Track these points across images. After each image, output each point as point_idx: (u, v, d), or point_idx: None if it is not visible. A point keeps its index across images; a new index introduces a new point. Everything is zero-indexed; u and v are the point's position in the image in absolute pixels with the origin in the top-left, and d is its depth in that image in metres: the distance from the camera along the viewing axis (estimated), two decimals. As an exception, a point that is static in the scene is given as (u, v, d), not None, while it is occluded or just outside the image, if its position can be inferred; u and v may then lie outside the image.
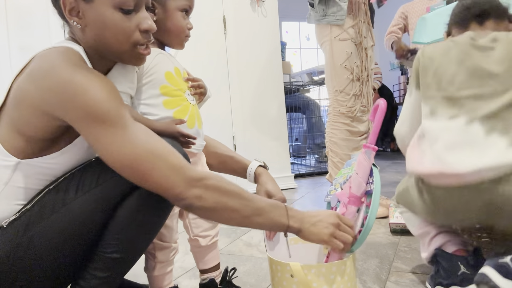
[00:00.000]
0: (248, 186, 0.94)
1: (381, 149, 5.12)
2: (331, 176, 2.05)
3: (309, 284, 0.78)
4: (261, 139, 2.85)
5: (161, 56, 0.95)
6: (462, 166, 0.86)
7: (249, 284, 1.21)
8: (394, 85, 5.13)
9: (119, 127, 0.69)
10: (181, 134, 0.88)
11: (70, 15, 0.75)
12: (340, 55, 1.92)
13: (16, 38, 2.31)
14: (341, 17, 1.90)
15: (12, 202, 0.75)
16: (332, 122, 2.00)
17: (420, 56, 1.08)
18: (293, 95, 3.87)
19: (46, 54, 0.73)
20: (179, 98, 0.94)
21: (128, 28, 0.77)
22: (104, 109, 0.68)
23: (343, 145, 1.96)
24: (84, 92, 0.68)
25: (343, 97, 1.95)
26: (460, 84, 0.96)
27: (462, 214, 0.93)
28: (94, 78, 0.70)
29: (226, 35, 2.75)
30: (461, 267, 0.95)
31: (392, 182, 2.80)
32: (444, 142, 0.90)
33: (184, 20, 0.97)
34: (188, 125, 0.93)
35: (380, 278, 1.19)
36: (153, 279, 0.98)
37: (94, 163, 0.78)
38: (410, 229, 1.15)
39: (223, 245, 1.60)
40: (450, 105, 0.95)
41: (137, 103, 0.91)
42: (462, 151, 0.88)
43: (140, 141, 0.70)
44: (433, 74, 1.02)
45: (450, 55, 1.01)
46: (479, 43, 1.00)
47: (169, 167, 0.71)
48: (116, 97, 0.72)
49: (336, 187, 0.97)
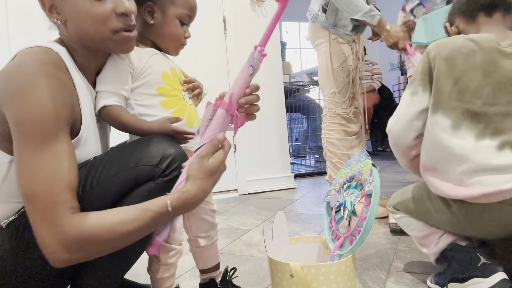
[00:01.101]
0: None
1: (381, 149, 5.12)
2: (330, 177, 2.06)
3: (309, 284, 0.78)
4: (261, 139, 2.85)
5: (156, 57, 0.95)
6: (502, 184, 0.88)
7: (249, 284, 1.21)
8: (394, 85, 5.13)
9: (39, 150, 0.66)
10: (177, 132, 0.87)
11: (50, 13, 0.76)
12: (338, 57, 1.95)
13: (16, 38, 2.31)
14: (350, 33, 1.94)
15: (10, 199, 0.75)
16: (328, 123, 2.03)
17: (435, 56, 1.00)
18: (293, 95, 3.87)
19: (22, 54, 0.73)
20: (176, 98, 0.94)
21: (102, 14, 0.75)
22: (36, 124, 0.66)
23: (340, 145, 1.99)
24: (29, 98, 0.67)
25: (340, 99, 1.98)
26: (487, 99, 0.93)
27: (497, 228, 0.95)
28: (48, 89, 0.68)
29: (226, 35, 2.75)
30: (481, 258, 0.95)
31: (392, 182, 2.80)
32: (476, 164, 0.91)
33: (182, 28, 0.97)
34: (186, 124, 0.93)
35: (380, 278, 1.19)
36: (156, 281, 0.98)
37: (93, 163, 0.78)
38: (410, 233, 1.15)
39: (223, 245, 1.60)
40: (476, 120, 0.93)
41: (134, 104, 0.90)
42: (498, 173, 0.89)
43: (39, 176, 0.65)
44: (454, 82, 0.96)
45: (474, 62, 0.95)
46: (506, 50, 0.95)
47: (42, 218, 0.65)
48: (57, 117, 0.68)
49: (335, 187, 0.97)
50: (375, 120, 4.60)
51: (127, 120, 0.86)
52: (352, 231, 0.84)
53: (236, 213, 2.18)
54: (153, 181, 0.76)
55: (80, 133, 0.78)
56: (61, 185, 0.66)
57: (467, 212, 0.96)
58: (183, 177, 0.76)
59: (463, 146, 0.93)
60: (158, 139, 0.79)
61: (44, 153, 0.66)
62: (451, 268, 1.00)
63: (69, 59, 0.79)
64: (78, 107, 0.78)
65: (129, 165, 0.76)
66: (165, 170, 0.77)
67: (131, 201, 0.76)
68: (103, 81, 0.86)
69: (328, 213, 0.97)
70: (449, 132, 0.95)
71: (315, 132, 3.88)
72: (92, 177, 0.75)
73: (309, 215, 2.04)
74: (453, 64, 0.97)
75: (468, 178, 0.92)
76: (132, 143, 0.81)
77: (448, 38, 1.05)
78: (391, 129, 1.09)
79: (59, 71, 0.74)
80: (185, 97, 0.96)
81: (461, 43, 0.99)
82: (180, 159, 0.79)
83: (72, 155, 0.70)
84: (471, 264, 0.95)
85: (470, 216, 0.96)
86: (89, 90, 0.84)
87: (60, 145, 0.68)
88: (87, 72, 0.84)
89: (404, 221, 1.16)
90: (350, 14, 1.82)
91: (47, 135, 0.67)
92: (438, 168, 0.98)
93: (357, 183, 0.91)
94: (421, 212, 1.09)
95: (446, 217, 1.01)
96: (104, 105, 0.85)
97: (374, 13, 1.76)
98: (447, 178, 0.97)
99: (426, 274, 1.16)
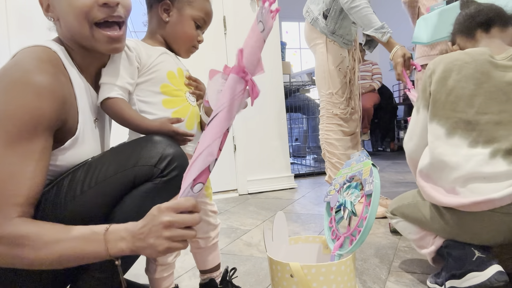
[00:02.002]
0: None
1: (381, 149, 5.12)
2: (330, 177, 2.06)
3: (309, 284, 0.78)
4: (261, 139, 2.85)
5: (165, 56, 0.95)
6: (492, 192, 0.90)
7: (249, 284, 1.21)
8: (394, 85, 5.14)
9: (9, 147, 0.66)
10: (176, 133, 0.86)
11: (46, 12, 0.76)
12: (335, 58, 1.97)
13: (16, 38, 2.31)
14: (348, 42, 1.98)
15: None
16: (326, 123, 2.04)
17: (432, 73, 1.06)
18: (293, 95, 3.87)
19: (20, 52, 0.74)
20: (179, 98, 0.94)
21: (83, 4, 0.74)
22: (14, 122, 0.66)
23: (338, 145, 2.01)
24: (15, 95, 0.67)
25: (337, 99, 2.00)
26: (479, 108, 0.96)
27: (489, 235, 0.96)
28: (37, 89, 0.68)
29: (226, 35, 2.75)
30: (475, 252, 0.96)
31: (392, 182, 2.80)
32: (469, 172, 0.93)
33: (196, 31, 0.97)
34: (187, 126, 0.93)
35: (380, 278, 1.19)
36: (154, 282, 0.98)
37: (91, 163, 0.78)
38: (407, 236, 1.17)
39: (223, 245, 1.60)
40: (469, 129, 0.96)
41: (136, 100, 0.90)
42: (488, 181, 0.91)
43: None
44: (448, 92, 1.00)
45: (467, 73, 0.99)
46: (498, 62, 0.99)
47: None
48: (37, 119, 0.68)
49: (335, 187, 0.97)
50: (375, 120, 4.60)
51: (129, 115, 0.85)
52: (352, 231, 0.84)
53: (236, 213, 2.18)
54: (151, 181, 0.76)
55: (77, 132, 0.78)
56: (17, 188, 0.66)
57: (459, 220, 0.98)
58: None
59: (456, 153, 0.95)
60: (157, 139, 0.79)
61: (13, 152, 0.66)
62: (448, 265, 1.01)
63: (67, 58, 0.79)
64: (74, 105, 0.78)
65: (127, 165, 0.76)
66: (164, 170, 0.77)
67: (130, 201, 0.76)
68: (109, 73, 0.86)
69: (328, 213, 0.97)
70: (443, 140, 0.98)
71: (315, 132, 3.87)
72: (91, 177, 0.75)
73: (309, 215, 2.04)
74: (448, 76, 1.02)
75: (460, 186, 0.94)
76: (131, 143, 0.81)
77: (446, 54, 1.10)
78: (406, 144, 1.16)
79: (56, 69, 0.74)
80: (188, 99, 0.96)
81: (456, 56, 1.04)
82: (178, 159, 0.79)
83: (43, 160, 0.70)
84: (467, 259, 0.96)
85: (463, 224, 0.98)
86: (87, 90, 0.84)
87: (33, 147, 0.68)
88: (86, 71, 0.84)
89: (401, 225, 1.19)
90: (363, 28, 1.83)
91: (22, 135, 0.67)
92: (432, 176, 1.01)
93: (357, 183, 0.91)
94: (416, 219, 1.12)
95: (439, 225, 1.03)
96: (107, 97, 0.85)
97: (385, 30, 1.77)
98: (440, 186, 0.99)
99: (426, 274, 1.16)
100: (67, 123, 0.76)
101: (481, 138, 0.95)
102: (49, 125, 0.70)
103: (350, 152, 2.02)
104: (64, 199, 0.73)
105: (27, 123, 0.67)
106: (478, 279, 0.91)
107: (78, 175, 0.76)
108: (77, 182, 0.75)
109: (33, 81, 0.68)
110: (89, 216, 0.74)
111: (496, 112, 0.95)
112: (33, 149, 0.68)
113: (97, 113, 0.88)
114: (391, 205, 1.23)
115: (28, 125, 0.67)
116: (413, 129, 1.13)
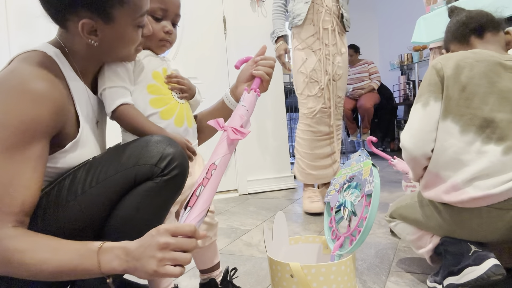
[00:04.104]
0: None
1: (381, 149, 5.12)
2: (295, 172, 2.23)
3: (309, 284, 0.78)
4: (261, 139, 2.85)
5: (150, 58, 0.95)
6: (491, 187, 0.91)
7: (249, 284, 1.21)
8: (394, 85, 5.13)
9: (6, 154, 0.66)
10: (188, 147, 0.89)
11: (88, 35, 0.76)
12: (297, 62, 2.11)
13: (16, 38, 2.31)
14: (299, 21, 2.04)
15: None
16: (298, 123, 2.19)
17: (442, 67, 1.03)
18: (293, 95, 3.87)
19: (17, 59, 0.74)
20: (166, 97, 0.94)
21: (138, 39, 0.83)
22: (11, 129, 0.67)
23: (303, 144, 2.13)
24: (13, 103, 0.67)
25: (303, 99, 2.11)
26: (494, 105, 0.97)
27: (487, 231, 0.97)
28: (34, 97, 0.69)
29: (226, 35, 2.75)
30: (472, 247, 0.97)
31: (391, 182, 2.80)
32: (478, 169, 0.94)
33: (158, 24, 0.93)
34: (175, 124, 0.93)
35: (380, 278, 1.19)
36: (153, 281, 0.98)
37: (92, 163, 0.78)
38: (405, 237, 1.18)
39: (223, 245, 1.60)
40: (484, 125, 0.96)
41: None
42: (495, 177, 0.92)
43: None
44: (461, 89, 0.99)
45: (480, 71, 0.99)
46: (507, 64, 1.00)
47: None
48: (35, 126, 0.68)
49: (335, 187, 0.97)
50: (375, 120, 4.59)
51: (142, 124, 0.87)
52: (352, 231, 0.84)
53: (236, 213, 2.18)
54: (152, 180, 0.76)
55: (78, 135, 0.78)
56: (12, 197, 0.66)
57: (457, 217, 0.98)
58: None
59: (469, 151, 0.96)
60: (157, 138, 0.79)
61: (11, 160, 0.66)
62: (446, 262, 1.02)
63: (65, 62, 0.79)
64: (72, 110, 0.78)
65: (128, 165, 0.76)
66: (164, 169, 0.77)
67: (131, 201, 0.76)
68: (116, 78, 0.87)
69: (328, 213, 0.97)
70: (457, 138, 0.98)
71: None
72: (92, 177, 0.75)
73: (309, 215, 2.04)
74: (460, 72, 1.01)
75: (468, 183, 0.94)
76: (131, 143, 0.81)
77: (451, 53, 1.10)
78: (406, 144, 1.06)
79: (52, 74, 0.74)
80: (175, 97, 0.96)
81: (466, 54, 1.04)
82: (179, 158, 0.79)
83: (39, 167, 0.70)
84: (463, 254, 0.97)
85: (460, 221, 0.98)
86: (86, 92, 0.84)
87: (30, 155, 0.68)
88: (85, 74, 0.84)
89: (399, 227, 1.20)
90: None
91: (20, 143, 0.67)
92: (441, 174, 1.00)
93: (357, 183, 0.91)
94: (413, 219, 1.13)
95: (437, 222, 1.04)
96: (124, 102, 0.86)
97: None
98: (446, 183, 0.99)
99: (426, 274, 1.17)
100: (65, 128, 0.76)
101: (494, 135, 0.95)
102: (46, 132, 0.70)
103: (319, 152, 2.10)
104: (66, 199, 0.74)
105: (25, 131, 0.67)
106: (475, 273, 0.92)
107: (79, 175, 0.76)
108: (78, 182, 0.75)
109: (29, 89, 0.69)
110: (90, 216, 0.75)
111: (509, 111, 0.96)
112: (29, 157, 0.68)
113: (98, 114, 0.89)
114: (389, 210, 1.25)
115: (26, 133, 0.67)
116: (416, 127, 1.05)
